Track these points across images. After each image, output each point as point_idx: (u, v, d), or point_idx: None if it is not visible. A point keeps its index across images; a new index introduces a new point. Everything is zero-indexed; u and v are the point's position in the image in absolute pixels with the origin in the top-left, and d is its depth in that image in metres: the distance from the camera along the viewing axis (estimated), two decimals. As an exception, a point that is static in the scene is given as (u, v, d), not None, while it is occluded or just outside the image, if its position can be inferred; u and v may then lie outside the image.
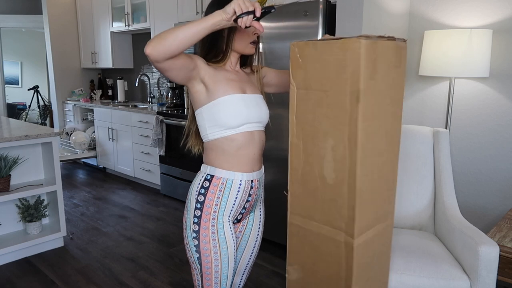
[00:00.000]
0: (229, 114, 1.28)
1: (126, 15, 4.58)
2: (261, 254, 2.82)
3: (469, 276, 1.65)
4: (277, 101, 2.64)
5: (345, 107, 1.13)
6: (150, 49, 1.12)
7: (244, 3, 1.12)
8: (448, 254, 1.79)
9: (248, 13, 1.12)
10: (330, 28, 2.43)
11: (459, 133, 2.50)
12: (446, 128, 2.43)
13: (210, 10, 1.30)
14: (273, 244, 2.95)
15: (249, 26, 1.15)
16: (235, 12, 1.12)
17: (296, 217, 1.32)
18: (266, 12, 1.16)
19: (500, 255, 1.59)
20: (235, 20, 1.13)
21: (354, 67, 1.09)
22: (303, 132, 1.25)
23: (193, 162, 3.69)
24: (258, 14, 1.13)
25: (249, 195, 1.38)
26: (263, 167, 1.46)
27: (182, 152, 3.79)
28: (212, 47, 1.34)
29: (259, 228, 1.51)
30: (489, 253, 1.57)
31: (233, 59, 1.38)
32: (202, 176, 1.35)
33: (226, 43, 1.33)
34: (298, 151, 1.27)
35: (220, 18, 1.12)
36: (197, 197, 1.34)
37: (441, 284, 1.64)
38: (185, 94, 4.26)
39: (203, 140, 1.38)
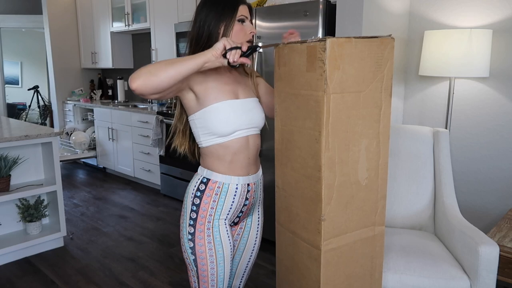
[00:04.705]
0: (220, 122, 1.26)
1: (126, 15, 4.58)
2: (261, 254, 2.82)
3: (469, 276, 1.64)
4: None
5: (378, 103, 1.19)
6: (138, 85, 1.07)
7: (229, 42, 1.14)
8: (448, 254, 1.79)
9: (236, 48, 1.15)
10: (330, 28, 2.43)
11: (459, 133, 2.50)
12: (446, 128, 2.43)
13: (202, 12, 1.30)
14: (273, 244, 2.95)
15: (236, 62, 1.16)
16: (224, 48, 1.13)
17: (331, 241, 1.20)
18: (252, 49, 1.20)
19: (500, 255, 1.59)
20: (224, 56, 1.15)
21: (389, 64, 1.17)
22: (337, 141, 1.15)
23: (193, 162, 3.68)
24: (244, 49, 1.17)
25: (246, 198, 1.37)
26: (260, 170, 1.44)
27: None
28: (206, 48, 1.29)
29: (257, 230, 1.50)
30: (489, 253, 1.57)
31: None
32: (199, 179, 1.35)
33: None
34: (332, 164, 1.15)
35: (210, 55, 1.13)
36: (193, 199, 1.33)
37: (441, 284, 1.64)
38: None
39: (199, 146, 1.37)
